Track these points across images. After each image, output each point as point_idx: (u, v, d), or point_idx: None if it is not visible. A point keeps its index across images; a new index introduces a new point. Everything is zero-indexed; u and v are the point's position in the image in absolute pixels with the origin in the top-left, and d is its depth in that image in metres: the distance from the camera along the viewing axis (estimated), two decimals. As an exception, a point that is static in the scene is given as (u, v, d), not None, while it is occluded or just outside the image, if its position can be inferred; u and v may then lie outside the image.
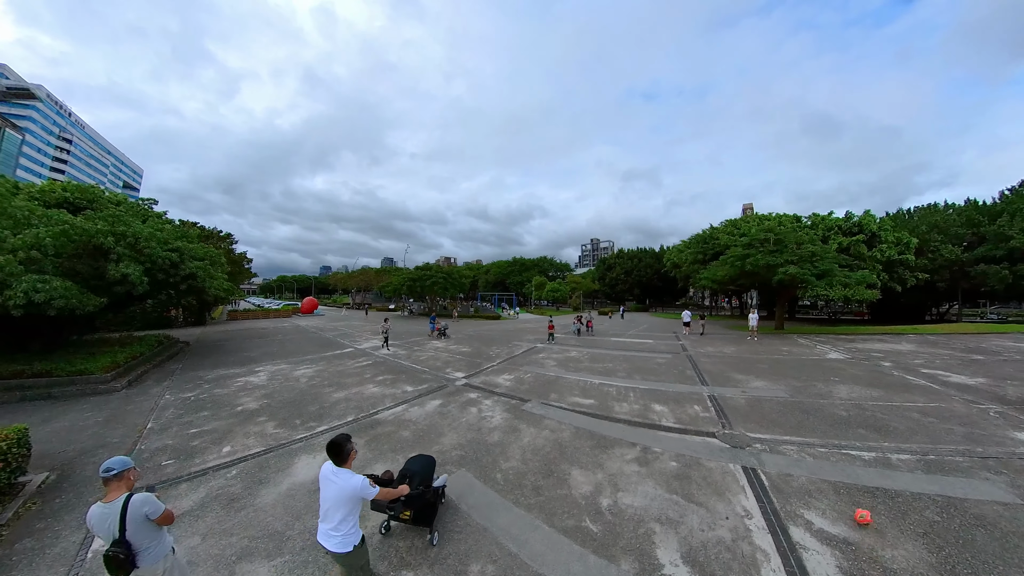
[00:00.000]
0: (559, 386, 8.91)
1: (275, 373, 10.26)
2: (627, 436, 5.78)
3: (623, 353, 13.78)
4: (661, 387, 8.62)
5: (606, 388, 8.59)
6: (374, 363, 11.58)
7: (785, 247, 25.23)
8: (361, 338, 18.12)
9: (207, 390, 8.76)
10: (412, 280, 31.16)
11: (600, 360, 12.31)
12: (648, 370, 10.44)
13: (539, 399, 7.89)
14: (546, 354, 13.69)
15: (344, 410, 7.23)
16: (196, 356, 13.28)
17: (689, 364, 11.35)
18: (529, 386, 9.05)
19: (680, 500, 4.07)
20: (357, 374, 10.06)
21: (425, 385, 9.02)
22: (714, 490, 4.24)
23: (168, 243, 11.34)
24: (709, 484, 4.36)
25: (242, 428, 6.39)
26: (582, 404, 7.43)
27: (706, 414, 6.73)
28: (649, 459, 5.00)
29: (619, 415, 6.76)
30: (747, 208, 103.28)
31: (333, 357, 12.62)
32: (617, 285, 63.22)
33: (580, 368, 10.97)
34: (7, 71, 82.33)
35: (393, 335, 19.17)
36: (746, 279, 27.25)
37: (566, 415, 6.83)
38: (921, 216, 39.57)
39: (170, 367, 11.49)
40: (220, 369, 10.95)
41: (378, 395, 8.19)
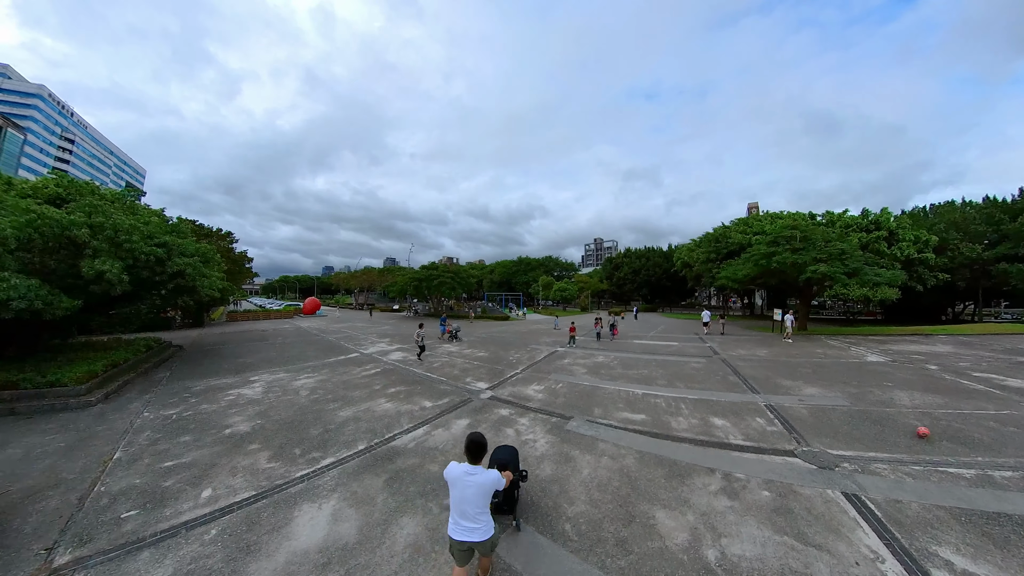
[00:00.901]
0: (599, 398, 7.89)
1: (272, 384, 9.04)
2: (699, 459, 5.08)
3: (654, 357, 12.90)
4: (711, 396, 7.95)
5: (652, 399, 7.78)
6: (383, 371, 10.35)
7: (812, 244, 23.95)
8: (367, 341, 16.90)
9: (193, 406, 7.55)
10: (418, 280, 29.95)
11: (632, 366, 11.40)
12: (688, 376, 9.78)
13: (582, 415, 6.84)
14: (571, 359, 12.46)
15: (353, 434, 5.99)
16: (188, 362, 12.09)
17: (728, 369, 10.72)
18: (566, 399, 7.92)
19: (795, 543, 3.46)
20: (365, 385, 8.83)
21: (446, 399, 7.78)
22: (826, 526, 3.69)
23: (155, 237, 10.15)
24: (817, 518, 3.81)
25: (228, 460, 5.16)
26: (633, 420, 6.57)
27: (772, 428, 6.15)
28: (736, 489, 4.33)
29: (679, 432, 6.02)
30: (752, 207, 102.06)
31: (337, 364, 11.41)
32: (625, 285, 61.92)
33: (614, 376, 9.96)
34: (10, 71, 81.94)
35: (400, 337, 18.02)
36: (771, 278, 25.97)
37: (620, 435, 5.92)
38: (939, 214, 38.31)
39: (157, 376, 10.30)
40: (211, 378, 9.74)
41: (392, 413, 6.94)
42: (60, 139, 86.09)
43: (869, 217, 34.38)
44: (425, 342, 12.49)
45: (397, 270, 56.67)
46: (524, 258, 68.15)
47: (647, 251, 62.54)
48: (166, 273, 9.86)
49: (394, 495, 4.27)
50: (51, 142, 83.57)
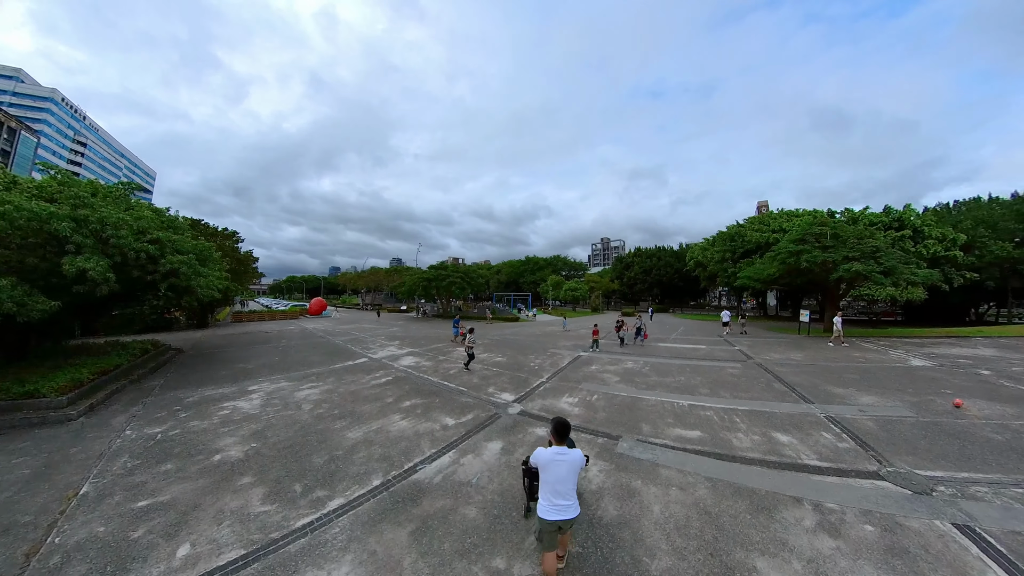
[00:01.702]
0: (643, 412, 7.04)
1: (272, 395, 8.09)
2: (779, 486, 4.47)
3: (686, 362, 12.05)
4: (763, 407, 7.31)
5: (701, 412, 7.07)
6: (395, 379, 9.35)
7: (843, 242, 22.61)
8: (375, 344, 15.94)
9: (182, 422, 6.62)
10: (427, 280, 29.02)
11: (666, 372, 10.53)
12: (730, 384, 9.12)
13: (631, 434, 6.01)
14: (599, 366, 11.40)
15: (365, 463, 4.98)
16: (185, 368, 11.23)
17: (769, 375, 10.11)
18: (606, 414, 6.97)
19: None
20: (376, 397, 7.83)
21: (469, 415, 6.75)
22: (954, 570, 3.18)
23: (147, 233, 9.30)
24: (938, 559, 3.33)
25: (215, 500, 4.18)
26: (689, 439, 5.84)
27: (844, 444, 5.63)
28: (835, 523, 3.81)
29: (745, 452, 5.37)
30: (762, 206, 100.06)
31: (344, 371, 10.44)
32: (635, 285, 60.53)
33: (651, 384, 9.06)
34: (23, 75, 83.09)
35: (411, 340, 17.05)
36: (798, 277, 24.63)
37: (681, 458, 5.17)
38: (966, 210, 36.65)
39: (149, 383, 9.43)
40: (207, 387, 8.83)
41: (409, 433, 5.93)
42: (72, 142, 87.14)
43: (892, 214, 33.03)
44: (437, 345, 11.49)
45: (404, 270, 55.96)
46: (532, 257, 67.04)
47: (658, 250, 61.09)
48: (158, 272, 8.98)
49: (425, 557, 3.26)
50: (64, 145, 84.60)
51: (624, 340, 15.69)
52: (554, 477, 2.85)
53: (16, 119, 70.10)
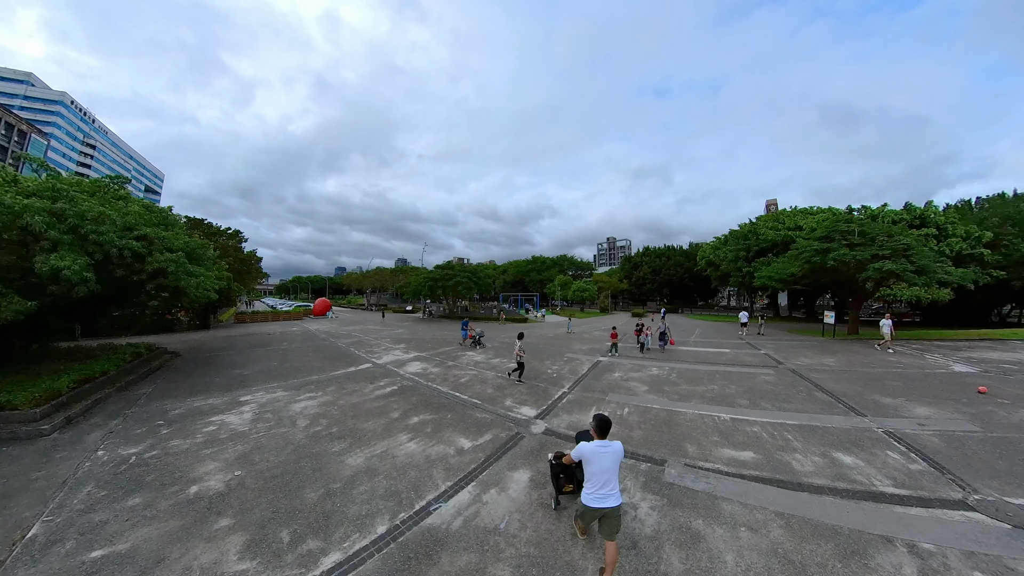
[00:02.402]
0: (684, 428, 6.34)
1: (265, 407, 7.28)
2: (861, 522, 3.85)
3: (714, 369, 11.25)
4: (813, 421, 6.68)
5: (747, 428, 6.37)
6: (401, 389, 8.51)
7: (872, 240, 21.42)
8: (379, 348, 15.13)
9: (162, 440, 5.84)
10: (433, 280, 28.20)
11: (697, 379, 9.78)
12: (768, 393, 8.46)
13: (676, 456, 5.28)
14: (622, 373, 10.49)
15: (368, 500, 4.13)
16: (178, 374, 10.50)
17: (807, 383, 9.46)
18: (643, 431, 6.17)
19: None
20: (379, 411, 6.99)
21: (487, 435, 5.89)
22: None
23: (134, 228, 8.58)
24: None
25: (183, 552, 3.36)
26: (743, 462, 5.14)
27: (916, 466, 5.03)
28: (937, 569, 3.21)
29: (810, 478, 4.70)
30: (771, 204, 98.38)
31: (345, 378, 9.63)
32: (644, 284, 59.29)
33: (683, 394, 8.37)
34: (33, 79, 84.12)
35: (417, 343, 16.23)
36: (823, 276, 23.47)
37: (741, 488, 4.46)
38: (990, 207, 35.17)
39: (136, 392, 8.70)
40: (197, 397, 8.07)
41: (419, 459, 5.08)
42: (82, 144, 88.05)
43: (914, 211, 31.77)
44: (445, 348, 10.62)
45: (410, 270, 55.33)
46: (538, 257, 66.05)
47: (667, 249, 59.80)
48: (145, 271, 8.24)
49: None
50: (73, 147, 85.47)
51: (645, 346, 14.10)
52: (599, 468, 3.02)
53: (27, 122, 70.87)
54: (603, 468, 3.02)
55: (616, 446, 3.12)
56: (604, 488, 2.99)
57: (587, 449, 3.11)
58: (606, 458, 3.04)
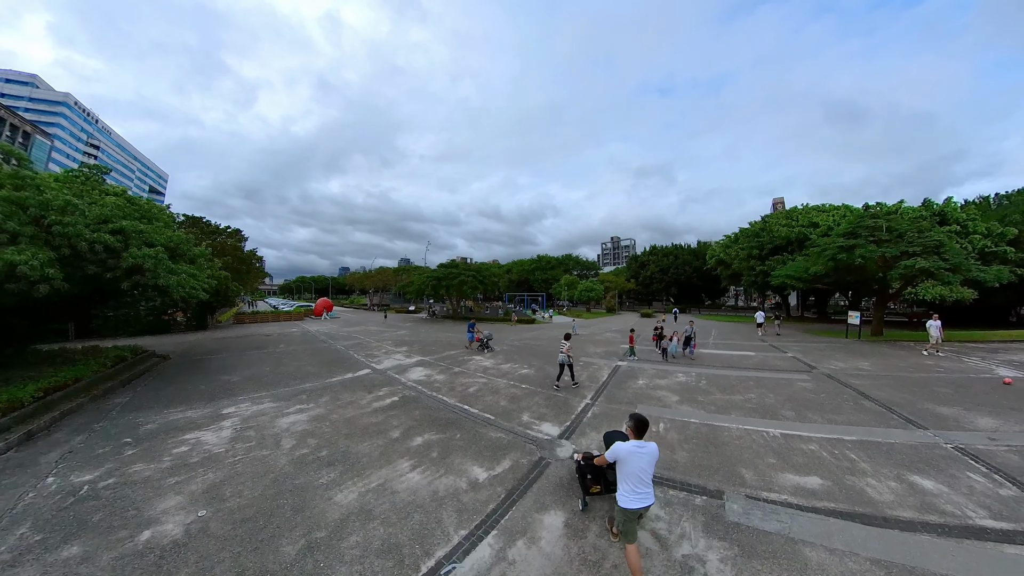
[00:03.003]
0: (731, 448, 5.56)
1: (249, 421, 6.37)
2: (972, 569, 3.15)
3: (745, 374, 10.47)
4: (870, 436, 6.03)
5: (803, 445, 5.67)
6: (402, 400, 7.56)
7: (901, 236, 20.25)
8: (380, 351, 14.21)
9: (124, 464, 4.96)
10: (437, 279, 27.28)
11: (729, 387, 8.97)
12: (812, 403, 7.79)
13: (733, 485, 4.48)
14: (647, 380, 9.53)
15: (360, 559, 3.18)
16: (161, 380, 9.64)
17: (848, 389, 8.81)
18: (688, 453, 5.30)
19: None
20: (377, 428, 6.04)
21: (506, 461, 4.93)
22: None
23: (110, 221, 7.74)
24: None
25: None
26: (811, 490, 4.41)
27: (1007, 491, 4.39)
28: None
29: (893, 510, 4.05)
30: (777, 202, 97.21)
31: (341, 387, 8.70)
32: (652, 284, 58.08)
33: (720, 405, 7.60)
34: (37, 80, 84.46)
35: (420, 346, 15.31)
36: (848, 275, 22.34)
37: (820, 526, 3.76)
38: (1014, 203, 33.86)
39: (112, 402, 7.85)
40: (175, 409, 7.19)
41: (424, 495, 4.14)
42: (86, 145, 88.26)
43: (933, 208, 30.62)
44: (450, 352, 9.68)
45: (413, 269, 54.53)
46: (543, 256, 65.01)
47: (675, 248, 58.55)
48: (119, 268, 7.39)
49: None
50: (77, 148, 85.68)
51: (668, 353, 12.41)
52: (635, 468, 3.00)
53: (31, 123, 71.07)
54: (639, 468, 3.00)
55: (652, 447, 3.12)
56: (641, 487, 3.00)
57: (623, 450, 3.07)
58: (642, 459, 3.03)
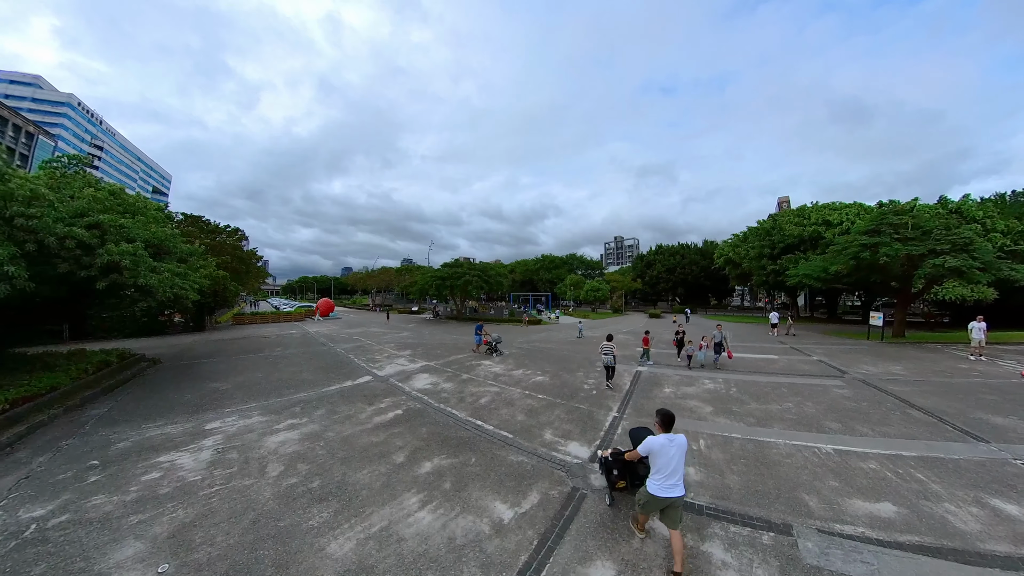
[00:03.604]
0: (785, 468, 4.93)
1: (233, 440, 5.59)
2: None
3: (774, 380, 9.81)
4: (930, 451, 5.53)
5: (861, 464, 5.09)
6: (407, 414, 6.75)
7: (927, 233, 19.32)
8: (382, 355, 13.41)
9: (83, 494, 4.20)
10: (441, 279, 26.49)
11: (763, 395, 8.34)
12: (856, 413, 7.22)
13: (798, 516, 3.88)
14: (672, 387, 8.74)
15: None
16: (146, 388, 8.90)
17: (890, 397, 8.23)
18: (740, 476, 4.67)
19: None
20: (379, 451, 5.22)
21: (533, 493, 4.12)
22: None
23: (85, 214, 7.02)
24: None
25: None
26: (887, 519, 3.85)
27: None
28: None
29: (985, 542, 3.44)
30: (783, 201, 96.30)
31: (339, 397, 7.89)
32: (658, 284, 57.09)
33: (758, 416, 7.02)
34: (41, 81, 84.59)
35: (424, 349, 14.50)
36: (872, 273, 21.42)
37: (912, 568, 3.17)
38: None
39: (87, 413, 7.11)
40: (154, 423, 6.43)
41: (438, 544, 3.33)
42: (90, 146, 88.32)
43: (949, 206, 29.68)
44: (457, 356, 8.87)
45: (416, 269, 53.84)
46: (548, 256, 64.11)
47: (681, 248, 57.54)
48: (95, 266, 6.66)
49: None
50: (81, 149, 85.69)
51: (697, 360, 10.95)
52: (668, 459, 3.17)
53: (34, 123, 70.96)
54: (670, 460, 3.16)
55: (681, 439, 3.28)
56: (672, 479, 3.14)
57: (655, 443, 3.25)
58: (673, 451, 3.18)
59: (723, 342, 11.12)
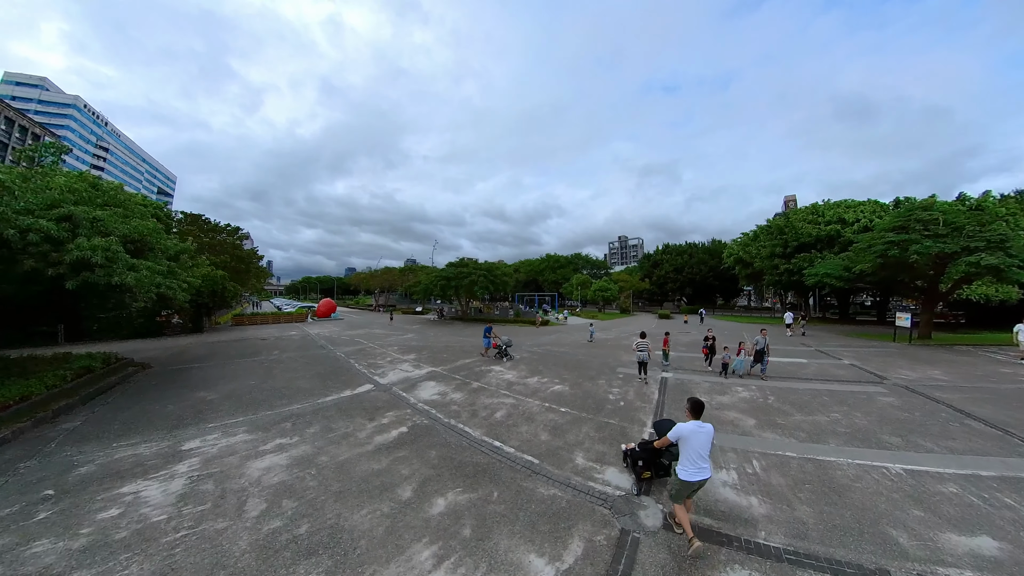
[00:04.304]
0: (856, 493, 4.29)
1: (210, 465, 4.77)
2: None
3: (812, 387, 9.11)
4: (1009, 469, 4.90)
5: (938, 487, 4.45)
6: (412, 433, 5.88)
7: (959, 230, 18.30)
8: (384, 360, 12.57)
9: (25, 539, 3.41)
10: (446, 279, 25.67)
11: (806, 405, 7.58)
12: (911, 424, 6.59)
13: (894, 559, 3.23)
14: (705, 396, 7.96)
15: None
16: (126, 397, 8.10)
17: (943, 407, 7.60)
18: (810, 505, 4.06)
19: None
20: (381, 485, 4.31)
21: (575, 542, 3.27)
22: None
23: (56, 206, 6.28)
24: None
25: None
26: (993, 559, 3.20)
27: None
28: None
29: None
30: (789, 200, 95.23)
31: (336, 410, 7.02)
32: (666, 284, 55.98)
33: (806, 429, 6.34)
34: (47, 83, 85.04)
35: (430, 353, 13.62)
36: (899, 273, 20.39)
37: None
38: (1058, 196, 31.62)
39: (57, 428, 6.35)
40: (127, 440, 5.65)
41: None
42: (95, 147, 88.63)
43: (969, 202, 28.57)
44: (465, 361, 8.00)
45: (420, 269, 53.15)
46: (553, 255, 63.14)
47: (689, 247, 56.41)
48: (64, 263, 5.91)
49: None
50: (87, 150, 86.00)
51: (733, 370, 9.73)
52: (697, 444, 3.40)
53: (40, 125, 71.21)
54: (700, 444, 3.39)
55: (709, 426, 3.50)
56: (701, 462, 3.37)
57: (687, 429, 3.45)
58: (702, 436, 3.42)
59: (765, 350, 9.73)
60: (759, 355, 9.71)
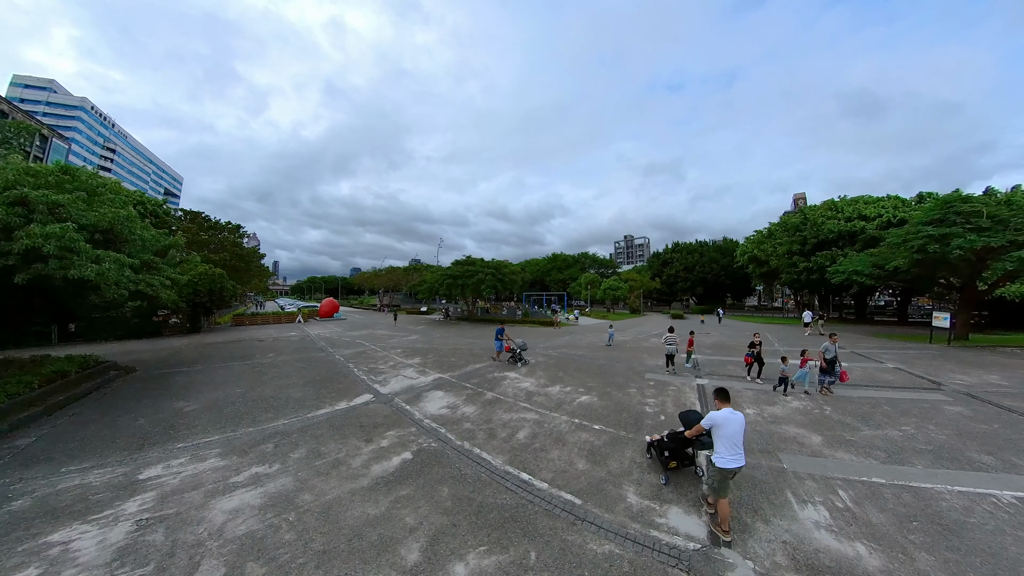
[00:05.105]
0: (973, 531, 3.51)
1: (166, 503, 3.78)
2: None
3: (868, 395, 8.15)
4: None
5: None
6: (419, 463, 4.79)
7: (1004, 223, 16.97)
8: (386, 364, 11.57)
9: None
10: (452, 278, 24.68)
11: (868, 417, 6.66)
12: (992, 438, 5.80)
13: None
14: (754, 407, 7.06)
15: None
16: (96, 407, 7.15)
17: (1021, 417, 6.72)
18: (928, 553, 3.23)
19: None
20: (379, 540, 3.27)
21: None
22: None
23: (9, 188, 5.40)
24: None
25: None
26: None
27: None
28: None
29: None
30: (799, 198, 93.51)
31: (328, 428, 6.00)
32: (676, 283, 54.59)
33: (880, 446, 5.47)
34: (55, 86, 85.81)
35: (437, 357, 12.54)
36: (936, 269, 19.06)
37: None
38: (1088, 188, 29.89)
39: (9, 444, 5.42)
40: (78, 465, 4.70)
41: None
42: (103, 148, 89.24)
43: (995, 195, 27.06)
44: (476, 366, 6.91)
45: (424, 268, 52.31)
46: (559, 255, 61.98)
47: (700, 245, 54.97)
48: (12, 253, 5.01)
49: None
50: (94, 151, 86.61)
51: (793, 384, 8.15)
52: (731, 431, 3.46)
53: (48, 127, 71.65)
54: (734, 431, 3.45)
55: (740, 414, 3.57)
56: (736, 450, 3.42)
57: (720, 416, 3.53)
58: (735, 423, 3.48)
59: (837, 359, 8.16)
60: (830, 365, 8.09)
